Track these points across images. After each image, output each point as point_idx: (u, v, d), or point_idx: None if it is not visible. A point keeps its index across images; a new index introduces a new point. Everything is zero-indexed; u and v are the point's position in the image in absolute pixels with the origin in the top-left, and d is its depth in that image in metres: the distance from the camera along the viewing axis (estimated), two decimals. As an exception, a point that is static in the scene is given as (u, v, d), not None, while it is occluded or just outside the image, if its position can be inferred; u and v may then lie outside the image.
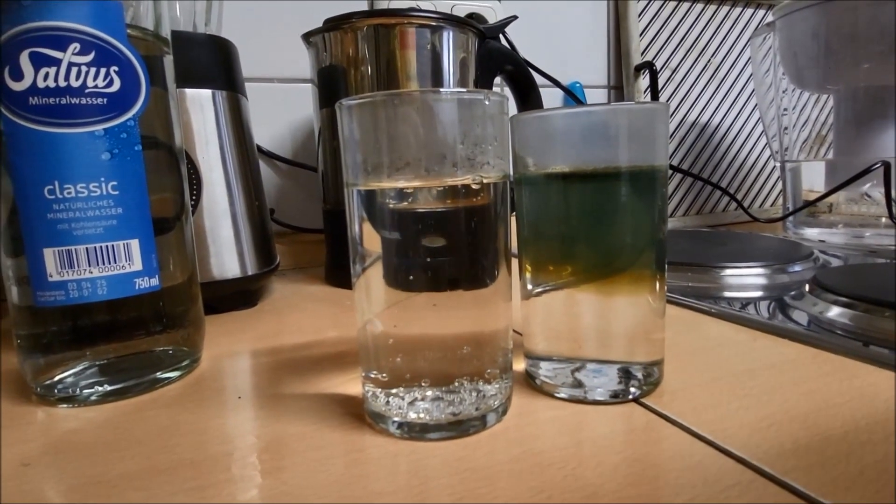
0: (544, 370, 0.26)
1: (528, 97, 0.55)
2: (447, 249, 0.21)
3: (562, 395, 0.25)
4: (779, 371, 0.27)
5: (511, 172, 0.25)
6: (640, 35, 0.75)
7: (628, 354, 0.24)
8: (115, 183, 0.25)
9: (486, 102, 0.21)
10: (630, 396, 0.24)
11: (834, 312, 0.36)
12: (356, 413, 0.24)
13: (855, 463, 0.19)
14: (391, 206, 0.21)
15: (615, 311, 0.24)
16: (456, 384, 0.22)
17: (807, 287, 0.40)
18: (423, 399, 0.22)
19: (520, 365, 0.27)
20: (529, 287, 0.26)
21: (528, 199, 0.25)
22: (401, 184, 0.20)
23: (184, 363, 0.30)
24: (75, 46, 0.24)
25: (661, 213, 0.24)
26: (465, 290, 0.22)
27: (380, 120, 0.20)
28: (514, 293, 0.25)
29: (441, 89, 0.19)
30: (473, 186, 0.21)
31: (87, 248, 0.25)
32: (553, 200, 0.24)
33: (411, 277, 0.21)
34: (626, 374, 0.24)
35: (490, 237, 0.22)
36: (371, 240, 0.22)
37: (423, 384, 0.22)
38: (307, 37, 0.48)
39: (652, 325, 0.25)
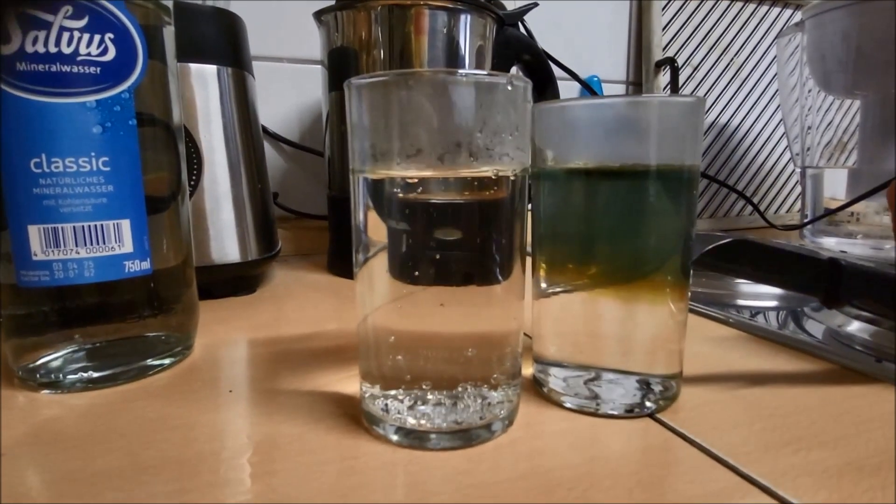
0: (555, 377, 0.24)
1: (544, 89, 0.53)
2: (458, 244, 0.19)
3: (570, 406, 0.23)
4: (803, 390, 0.25)
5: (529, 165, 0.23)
6: (663, 30, 0.72)
7: (648, 365, 0.23)
8: (106, 159, 0.24)
9: (509, 87, 0.19)
10: (645, 411, 0.23)
11: (854, 327, 0.34)
12: (353, 414, 0.23)
13: (893, 498, 0.17)
14: (400, 195, 0.19)
15: (636, 318, 0.23)
16: (459, 389, 0.21)
17: (828, 299, 0.38)
18: (424, 403, 0.21)
19: (527, 370, 0.26)
20: (543, 286, 0.24)
21: (547, 194, 0.24)
22: (411, 173, 0.19)
23: (175, 350, 0.28)
24: (67, 9, 0.22)
25: (690, 216, 0.23)
26: (476, 287, 0.20)
27: (391, 102, 0.19)
28: (527, 293, 0.23)
29: (459, 70, 0.17)
30: (491, 179, 0.19)
31: (74, 227, 0.23)
32: (574, 197, 0.23)
33: (418, 271, 0.20)
34: (644, 387, 0.23)
35: (505, 233, 0.20)
36: (376, 229, 0.20)
37: (424, 387, 0.20)
38: (319, 15, 0.46)
39: (673, 335, 0.23)
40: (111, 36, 0.23)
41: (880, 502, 0.17)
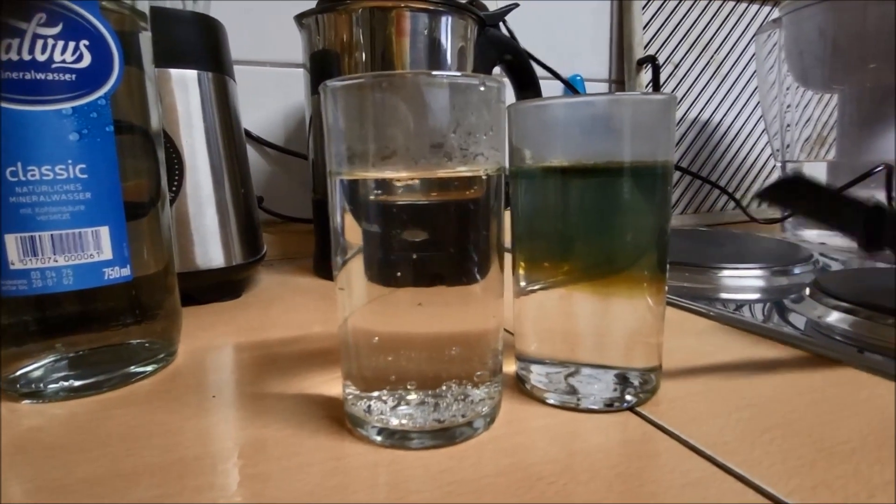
0: (536, 374, 0.24)
1: (527, 88, 0.53)
2: (435, 244, 0.20)
3: (552, 402, 0.23)
4: (781, 379, 0.26)
5: (507, 165, 0.23)
6: (644, 28, 0.73)
7: (626, 359, 0.23)
8: (83, 166, 0.23)
9: (482, 88, 0.19)
10: (625, 405, 0.23)
11: (834, 318, 0.35)
12: (337, 416, 0.23)
13: (864, 484, 0.18)
14: (376, 197, 0.19)
15: (613, 312, 0.23)
16: (444, 388, 0.21)
17: (807, 291, 0.39)
18: (406, 404, 0.21)
19: (510, 367, 0.26)
20: (523, 284, 0.25)
21: (525, 193, 0.24)
22: (387, 174, 0.19)
23: (158, 357, 0.28)
24: (41, 17, 0.22)
25: (664, 212, 0.23)
26: (453, 286, 0.21)
27: (366, 104, 0.19)
28: (507, 291, 0.23)
29: (433, 72, 0.18)
30: (466, 179, 0.19)
31: (52, 235, 0.23)
32: (551, 196, 0.23)
33: (396, 273, 0.20)
34: (622, 381, 0.23)
35: (482, 233, 0.21)
36: (354, 232, 0.20)
37: (409, 387, 0.21)
38: (300, 18, 0.46)
39: (651, 329, 0.23)
40: (86, 42, 0.23)
41: (852, 486, 0.18)
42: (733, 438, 0.21)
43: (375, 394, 0.21)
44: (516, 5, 0.53)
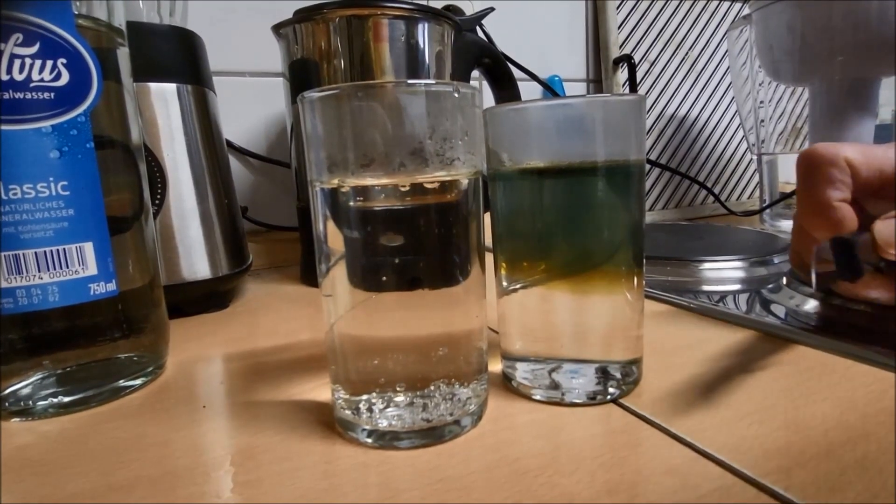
0: (521, 371, 0.25)
1: (505, 91, 0.54)
2: (415, 248, 0.20)
3: (538, 397, 0.24)
4: (758, 367, 0.27)
5: (485, 168, 0.24)
6: (619, 28, 0.74)
7: (606, 353, 0.24)
8: (65, 183, 0.24)
9: (456, 95, 0.20)
10: (608, 397, 0.24)
11: (810, 306, 0.36)
12: (327, 421, 0.23)
13: (835, 463, 0.18)
14: (356, 204, 0.20)
15: (592, 308, 0.24)
16: (432, 388, 0.21)
17: (784, 280, 0.40)
18: (395, 405, 0.21)
19: (497, 366, 0.27)
20: (505, 284, 0.25)
21: (503, 195, 0.25)
22: (366, 181, 0.19)
23: (147, 370, 0.28)
24: (18, 37, 0.22)
25: (639, 207, 0.24)
26: (435, 289, 0.21)
27: (343, 114, 0.19)
28: (491, 291, 0.24)
29: (408, 80, 0.18)
30: (444, 183, 0.20)
31: (36, 253, 0.23)
32: (528, 196, 0.24)
33: (378, 278, 0.20)
34: (603, 374, 0.24)
35: (460, 235, 0.21)
36: (336, 239, 0.21)
37: (397, 388, 0.21)
38: (277, 28, 0.47)
39: (630, 322, 0.24)
40: (64, 61, 0.23)
41: (823, 466, 0.18)
42: (713, 426, 0.21)
43: (364, 397, 0.21)
44: (492, 9, 0.54)
